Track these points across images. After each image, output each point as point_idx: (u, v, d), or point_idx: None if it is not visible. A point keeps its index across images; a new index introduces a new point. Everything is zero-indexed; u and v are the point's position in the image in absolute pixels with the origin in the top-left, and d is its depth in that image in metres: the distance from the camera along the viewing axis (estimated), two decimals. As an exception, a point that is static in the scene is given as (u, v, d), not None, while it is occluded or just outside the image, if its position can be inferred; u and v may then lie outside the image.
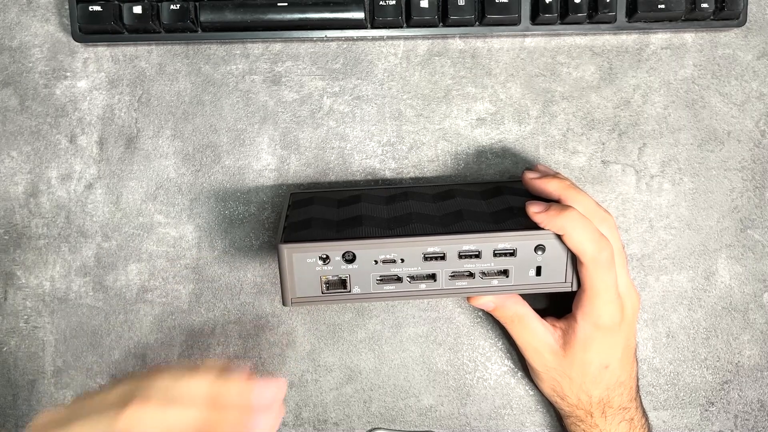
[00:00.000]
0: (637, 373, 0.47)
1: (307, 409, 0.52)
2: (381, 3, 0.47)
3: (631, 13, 0.49)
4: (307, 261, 0.42)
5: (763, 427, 0.53)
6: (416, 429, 0.52)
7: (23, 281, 0.51)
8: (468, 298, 0.47)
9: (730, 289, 0.52)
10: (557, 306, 0.49)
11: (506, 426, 0.52)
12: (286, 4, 0.47)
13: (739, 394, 0.53)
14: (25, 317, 0.51)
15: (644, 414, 0.48)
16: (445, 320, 0.52)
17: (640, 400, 0.48)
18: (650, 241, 0.52)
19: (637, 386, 0.48)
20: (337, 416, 0.52)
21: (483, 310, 0.49)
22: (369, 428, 0.52)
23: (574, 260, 0.42)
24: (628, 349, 0.46)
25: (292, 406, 0.52)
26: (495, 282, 0.43)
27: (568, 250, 0.42)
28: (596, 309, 0.43)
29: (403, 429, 0.52)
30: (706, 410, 0.53)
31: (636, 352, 0.47)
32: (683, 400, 0.53)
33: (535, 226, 0.42)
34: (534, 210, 0.42)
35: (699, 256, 0.52)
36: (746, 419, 0.53)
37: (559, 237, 0.42)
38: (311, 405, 0.52)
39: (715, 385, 0.53)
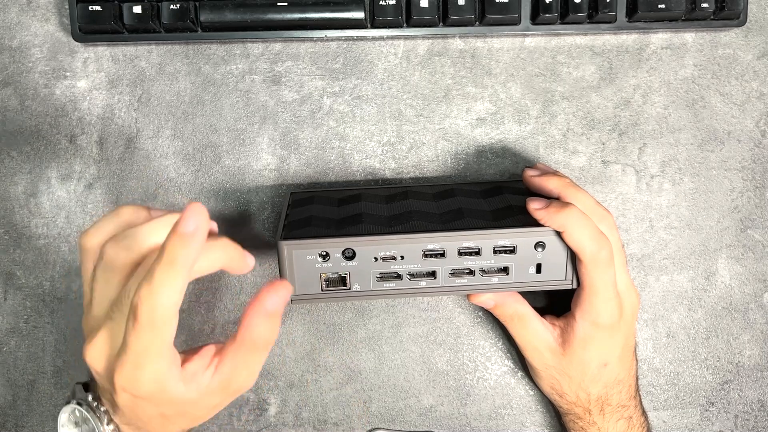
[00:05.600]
0: (637, 371, 0.47)
1: (307, 409, 0.52)
2: (381, 3, 0.48)
3: (632, 12, 0.49)
4: (307, 258, 0.42)
5: (763, 427, 0.53)
6: (416, 429, 0.52)
7: (23, 281, 0.51)
8: (468, 296, 0.47)
9: (731, 289, 0.52)
10: (556, 305, 0.49)
11: (506, 426, 0.52)
12: (286, 3, 0.47)
13: (739, 394, 0.53)
14: (25, 317, 0.51)
15: (643, 413, 0.48)
16: (445, 320, 0.52)
17: (640, 398, 0.48)
18: (650, 241, 0.52)
19: (636, 385, 0.47)
20: (337, 416, 0.52)
21: (483, 309, 0.49)
22: (369, 428, 0.52)
23: (574, 258, 0.42)
24: (627, 348, 0.46)
25: (292, 406, 0.52)
26: (495, 279, 0.43)
27: (568, 247, 0.42)
28: (595, 307, 0.43)
29: (403, 429, 0.52)
30: (706, 410, 0.53)
31: (635, 350, 0.47)
32: (683, 400, 0.53)
33: (535, 224, 0.42)
34: (534, 206, 0.42)
35: (699, 256, 0.52)
36: (746, 419, 0.53)
37: (558, 234, 0.42)
38: (311, 405, 0.52)
39: (715, 385, 0.53)
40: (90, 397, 0.40)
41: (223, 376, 0.37)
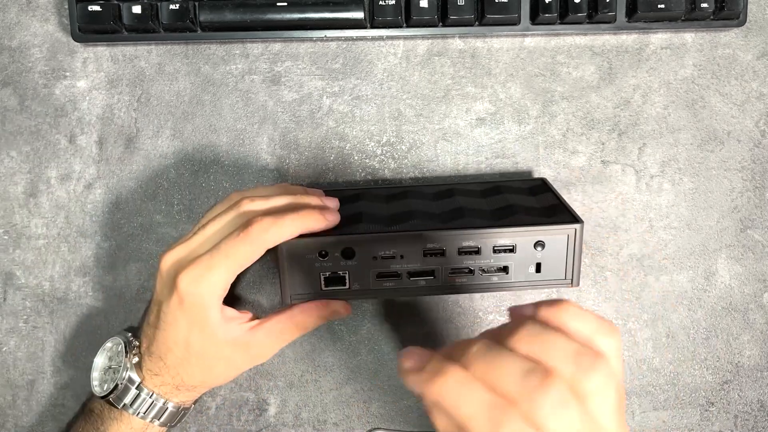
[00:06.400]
0: None
1: (307, 409, 0.52)
2: (381, 3, 0.48)
3: (631, 13, 0.49)
4: (307, 257, 0.42)
5: (763, 428, 0.53)
6: (416, 429, 0.52)
7: (23, 281, 0.51)
8: None
9: (730, 289, 0.52)
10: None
11: (506, 426, 0.52)
12: (285, 4, 0.47)
13: (739, 395, 0.53)
14: (25, 317, 0.51)
15: None
16: (445, 320, 0.52)
17: None
18: (650, 241, 0.52)
19: None
20: (337, 416, 0.52)
21: (482, 311, 0.49)
22: (369, 428, 0.52)
23: (575, 256, 0.42)
24: None
25: (291, 406, 0.52)
26: (495, 279, 0.43)
27: (569, 246, 0.41)
28: None
29: (403, 429, 0.52)
30: (706, 410, 0.53)
31: None
32: (683, 400, 0.53)
33: (535, 223, 0.41)
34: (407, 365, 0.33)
35: (699, 256, 0.52)
36: (746, 419, 0.53)
37: (558, 234, 0.41)
38: (311, 405, 0.52)
39: (715, 385, 0.53)
40: (129, 334, 0.46)
41: (253, 337, 0.43)
